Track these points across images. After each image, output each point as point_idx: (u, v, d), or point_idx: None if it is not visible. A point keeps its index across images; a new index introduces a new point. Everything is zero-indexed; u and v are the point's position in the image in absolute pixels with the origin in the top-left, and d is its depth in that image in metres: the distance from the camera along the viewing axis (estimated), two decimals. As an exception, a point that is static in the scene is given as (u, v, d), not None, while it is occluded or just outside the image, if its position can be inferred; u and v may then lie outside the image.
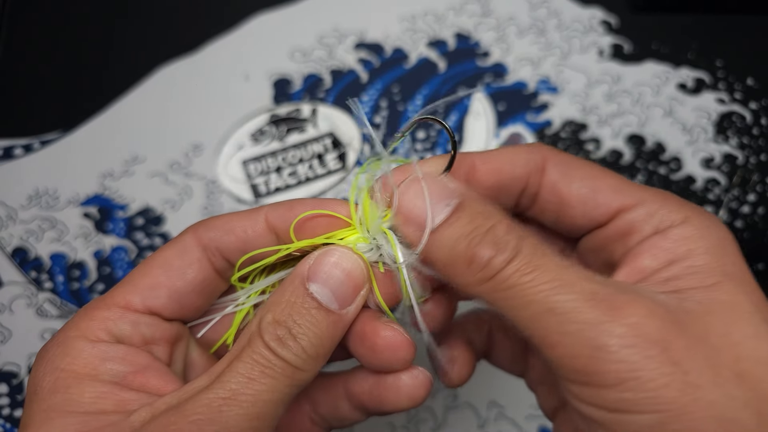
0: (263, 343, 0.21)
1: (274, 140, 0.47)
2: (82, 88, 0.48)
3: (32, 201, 0.45)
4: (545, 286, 0.20)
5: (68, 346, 0.22)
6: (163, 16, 0.51)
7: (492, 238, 0.21)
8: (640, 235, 0.22)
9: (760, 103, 0.49)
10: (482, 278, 0.20)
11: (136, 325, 0.23)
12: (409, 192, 0.22)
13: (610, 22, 0.51)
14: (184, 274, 0.24)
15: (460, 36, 0.50)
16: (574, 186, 0.23)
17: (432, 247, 0.21)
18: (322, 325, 0.21)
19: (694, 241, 0.21)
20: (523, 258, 0.20)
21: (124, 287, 0.23)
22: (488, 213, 0.21)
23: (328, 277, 0.22)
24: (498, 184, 0.24)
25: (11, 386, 0.41)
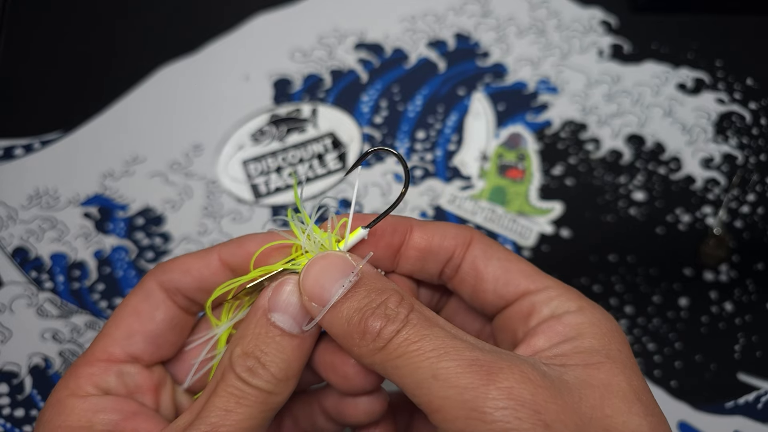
0: (236, 376, 0.23)
1: (275, 140, 0.47)
2: (82, 88, 0.48)
3: (33, 201, 0.45)
4: (431, 353, 0.21)
5: (62, 405, 0.24)
6: (163, 17, 0.51)
7: (383, 311, 0.22)
8: (538, 316, 0.25)
9: (760, 103, 0.49)
10: (374, 348, 0.22)
11: (120, 375, 0.25)
12: (314, 269, 0.24)
13: (610, 22, 0.51)
14: (153, 317, 0.26)
15: (460, 36, 0.51)
16: (491, 264, 0.26)
17: (331, 320, 0.23)
18: (287, 350, 0.24)
19: (584, 327, 0.23)
20: (411, 328, 0.22)
21: (102, 341, 0.25)
22: (382, 288, 0.23)
23: (287, 304, 0.24)
24: (428, 249, 0.26)
25: (11, 386, 0.41)
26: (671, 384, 0.42)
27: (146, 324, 0.26)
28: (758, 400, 0.42)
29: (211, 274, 0.26)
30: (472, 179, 0.47)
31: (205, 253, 0.27)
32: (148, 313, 0.26)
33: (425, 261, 0.26)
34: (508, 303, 0.26)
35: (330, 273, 0.23)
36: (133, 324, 0.26)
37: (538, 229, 0.45)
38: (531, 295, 0.25)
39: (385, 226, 0.26)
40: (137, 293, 0.26)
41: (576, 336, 0.23)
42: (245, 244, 0.26)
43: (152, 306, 0.26)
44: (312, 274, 0.24)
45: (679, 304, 0.44)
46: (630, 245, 0.45)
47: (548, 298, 0.25)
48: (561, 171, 0.47)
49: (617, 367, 0.22)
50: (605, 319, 0.24)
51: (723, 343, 0.43)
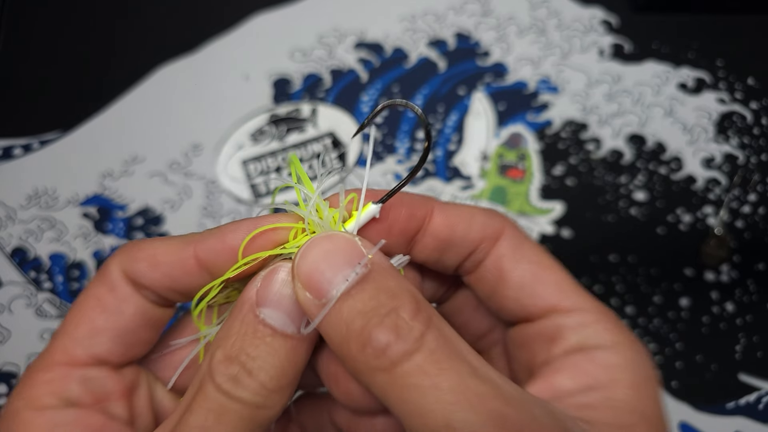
0: (215, 386, 0.18)
1: (274, 140, 0.47)
2: (81, 88, 0.48)
3: (31, 201, 0.45)
4: (449, 396, 0.17)
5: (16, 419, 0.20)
6: (162, 16, 0.50)
7: (393, 321, 0.18)
8: (565, 344, 0.20)
9: (761, 103, 0.49)
10: (375, 367, 0.17)
11: (83, 382, 0.21)
12: (314, 251, 0.19)
13: (611, 21, 0.51)
14: (121, 312, 0.21)
15: (460, 36, 0.50)
16: (519, 266, 0.21)
17: (327, 320, 0.18)
18: (281, 354, 0.19)
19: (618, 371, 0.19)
20: (428, 354, 0.17)
21: (61, 340, 0.21)
22: (396, 290, 0.18)
23: (279, 298, 0.19)
24: (449, 239, 0.22)
25: (10, 386, 0.40)
26: (672, 384, 0.42)
27: (113, 320, 0.21)
28: (759, 400, 0.42)
29: (184, 273, 0.21)
30: (473, 179, 0.46)
31: (180, 245, 0.21)
32: (114, 306, 0.21)
33: (444, 252, 0.22)
34: (530, 317, 0.22)
35: (334, 259, 0.18)
36: (97, 320, 0.21)
37: (539, 229, 0.45)
38: (559, 315, 0.21)
39: (401, 208, 0.21)
40: (100, 283, 0.21)
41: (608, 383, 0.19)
42: (227, 237, 0.20)
43: (119, 299, 0.21)
44: (311, 258, 0.19)
45: (680, 304, 0.44)
46: (631, 245, 0.45)
47: (579, 324, 0.20)
48: (562, 171, 0.47)
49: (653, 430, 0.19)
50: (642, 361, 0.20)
51: (724, 344, 0.43)
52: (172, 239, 0.21)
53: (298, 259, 0.19)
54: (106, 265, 0.21)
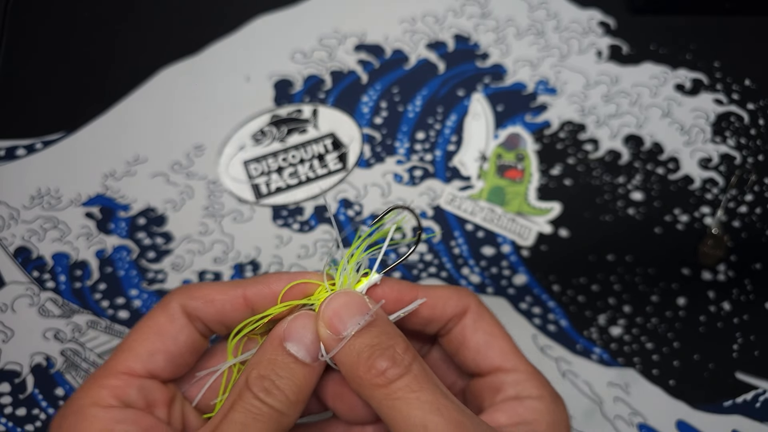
0: (253, 395, 0.25)
1: (275, 141, 0.47)
2: (84, 89, 0.49)
3: (34, 201, 0.45)
4: (426, 405, 0.24)
5: (84, 413, 0.25)
6: (164, 19, 0.51)
7: (391, 354, 0.25)
8: (504, 394, 0.28)
9: (758, 104, 0.49)
10: (376, 384, 0.25)
11: (140, 390, 0.27)
12: (335, 302, 0.27)
13: (609, 23, 0.51)
14: (176, 339, 0.27)
15: (460, 37, 0.51)
16: (476, 335, 0.29)
17: (343, 351, 0.26)
18: (299, 376, 0.26)
19: (540, 414, 0.27)
20: (413, 377, 0.25)
21: (124, 355, 0.27)
22: (393, 333, 0.26)
23: (300, 336, 0.26)
24: (432, 316, 0.29)
25: (13, 385, 0.41)
26: (669, 383, 0.42)
27: (169, 345, 0.27)
28: (756, 399, 0.42)
29: (233, 309, 0.28)
30: (472, 179, 0.47)
31: (231, 287, 0.28)
32: (171, 334, 0.27)
33: (426, 326, 0.30)
34: (482, 373, 0.29)
35: (349, 309, 0.26)
36: (156, 343, 0.27)
37: (537, 229, 0.46)
38: (502, 374, 0.29)
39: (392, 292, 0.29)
40: (161, 313, 0.28)
41: (532, 421, 0.27)
42: (271, 283, 0.28)
43: (176, 328, 0.28)
44: (333, 307, 0.26)
45: (678, 303, 0.44)
46: (628, 245, 0.45)
47: (515, 381, 0.28)
48: (559, 171, 0.47)
49: None
50: (559, 410, 0.28)
51: (721, 343, 0.43)
52: (223, 283, 0.29)
53: (324, 306, 0.27)
54: (168, 300, 0.28)
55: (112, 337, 0.42)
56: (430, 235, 0.29)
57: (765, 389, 0.42)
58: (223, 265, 0.44)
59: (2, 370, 0.41)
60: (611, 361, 0.43)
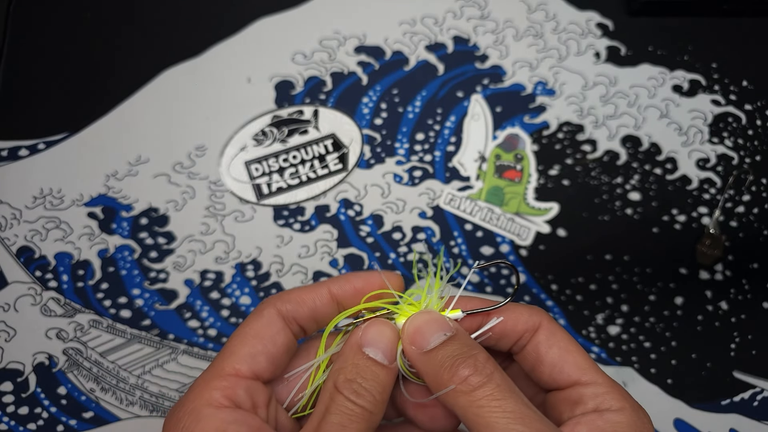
0: (344, 397, 0.27)
1: (276, 141, 0.48)
2: (87, 90, 0.49)
3: (37, 201, 0.46)
4: (510, 414, 0.25)
5: (199, 413, 0.27)
6: (167, 20, 0.51)
7: (473, 362, 0.27)
8: (584, 407, 0.28)
9: (755, 105, 0.50)
10: (459, 391, 0.26)
11: (247, 390, 0.28)
12: (418, 320, 0.29)
13: (607, 25, 0.52)
14: (275, 341, 0.29)
15: (459, 39, 0.51)
16: (551, 351, 0.30)
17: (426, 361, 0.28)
18: (381, 377, 0.28)
19: (621, 426, 0.27)
20: (494, 385, 0.26)
21: (230, 358, 0.29)
22: (473, 345, 0.28)
23: (377, 342, 0.28)
24: (503, 332, 0.30)
25: (15, 384, 0.41)
26: (667, 382, 0.42)
27: (269, 347, 0.29)
28: (754, 397, 0.42)
29: (323, 305, 0.30)
30: (471, 180, 0.47)
31: (317, 287, 0.31)
32: (270, 337, 0.29)
33: (499, 341, 0.31)
34: (560, 387, 0.30)
35: (431, 326, 0.28)
36: (258, 345, 0.29)
37: (536, 229, 0.46)
38: (580, 387, 0.29)
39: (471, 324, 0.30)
40: (259, 318, 0.30)
41: None
42: (352, 280, 0.31)
43: (274, 331, 0.30)
44: (415, 324, 0.29)
45: (675, 302, 0.44)
46: (626, 245, 0.46)
47: (594, 394, 0.28)
48: (558, 172, 0.48)
49: None
50: (640, 422, 0.28)
51: (719, 342, 0.44)
52: (309, 286, 0.31)
53: (407, 323, 0.29)
54: (262, 307, 0.30)
55: (114, 336, 0.42)
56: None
57: (762, 388, 0.42)
58: (225, 265, 0.44)
59: (5, 369, 0.41)
60: (609, 359, 0.43)
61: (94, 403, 0.41)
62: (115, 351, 0.42)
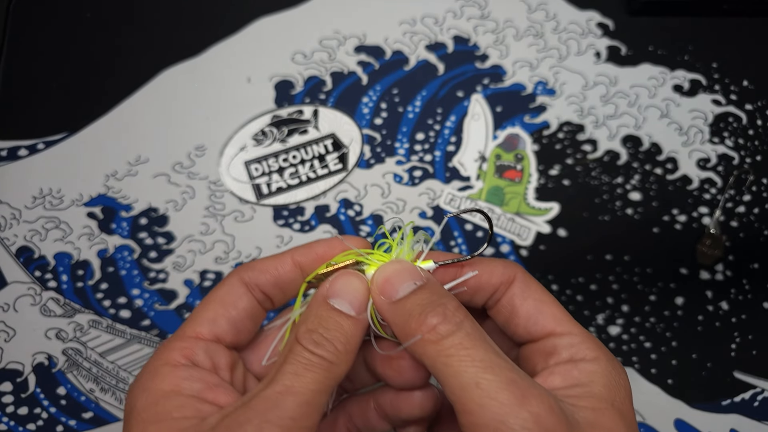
0: (302, 347, 0.26)
1: (276, 141, 0.48)
2: (87, 90, 0.49)
3: (37, 201, 0.45)
4: (479, 363, 0.24)
5: (156, 372, 0.27)
6: (166, 20, 0.51)
7: (442, 310, 0.26)
8: (558, 357, 0.28)
9: (756, 104, 0.50)
10: (427, 340, 0.25)
11: (206, 351, 0.28)
12: (388, 269, 0.28)
13: (607, 24, 0.52)
14: (236, 305, 0.30)
15: (459, 39, 0.51)
16: (526, 303, 0.29)
17: (395, 311, 0.27)
18: (345, 327, 0.27)
19: (596, 376, 0.27)
20: (464, 334, 0.25)
21: (192, 322, 0.29)
22: (444, 294, 0.27)
23: (344, 292, 0.28)
24: (478, 285, 0.30)
25: (15, 384, 0.41)
26: (668, 382, 0.42)
27: (229, 310, 0.29)
28: (754, 398, 0.42)
29: (285, 272, 0.30)
30: (471, 180, 0.47)
31: (280, 255, 0.31)
32: (231, 302, 0.30)
33: (474, 295, 0.30)
34: (534, 339, 0.29)
35: (401, 275, 0.28)
36: (218, 309, 0.29)
37: (536, 229, 0.46)
38: (555, 338, 0.29)
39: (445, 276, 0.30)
40: (222, 286, 0.30)
41: (588, 382, 0.27)
42: (314, 248, 0.31)
43: (235, 296, 0.30)
44: (385, 273, 0.28)
45: (676, 302, 0.44)
46: (626, 245, 0.46)
47: (569, 344, 0.28)
48: (558, 172, 0.47)
49: (619, 416, 0.26)
50: (615, 372, 0.27)
51: (719, 342, 0.43)
52: (273, 255, 0.31)
53: (377, 273, 0.28)
54: (227, 276, 0.30)
55: (114, 337, 0.42)
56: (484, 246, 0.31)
57: (763, 388, 0.42)
58: (224, 265, 0.44)
59: (4, 369, 0.41)
60: (610, 360, 0.43)
61: (93, 404, 0.41)
62: (115, 351, 0.42)
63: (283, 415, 0.24)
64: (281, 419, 0.24)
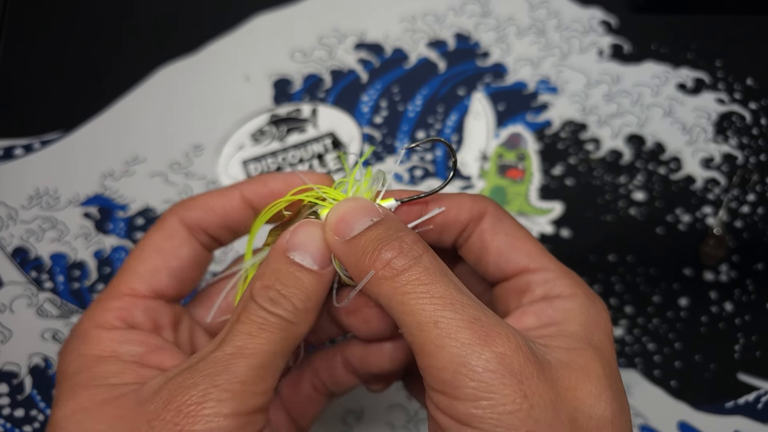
0: (258, 306, 0.24)
1: (275, 140, 0.47)
2: (83, 88, 0.48)
3: (33, 201, 0.45)
4: (438, 300, 0.22)
5: (87, 335, 0.24)
6: (163, 17, 0.51)
7: (398, 244, 0.23)
8: (531, 295, 0.26)
9: (760, 103, 0.49)
10: (382, 277, 0.23)
11: (146, 311, 0.26)
12: (342, 207, 0.25)
13: (610, 22, 0.51)
14: (178, 254, 0.26)
15: (460, 36, 0.51)
16: (497, 238, 0.27)
17: (349, 250, 0.24)
18: (306, 283, 0.24)
19: (572, 314, 0.25)
20: (423, 269, 0.23)
21: (126, 275, 0.26)
22: (402, 228, 0.24)
23: (305, 244, 0.25)
24: (445, 222, 0.27)
25: (11, 386, 0.41)
26: (671, 384, 0.42)
27: (170, 260, 0.26)
28: (758, 400, 0.42)
29: (234, 210, 0.27)
30: (472, 179, 0.47)
31: (227, 191, 0.27)
32: (172, 250, 0.26)
33: (442, 234, 0.27)
34: (507, 277, 0.27)
35: (357, 212, 0.24)
36: (157, 260, 0.26)
37: (538, 229, 0.45)
38: (528, 274, 0.26)
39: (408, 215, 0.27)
40: (159, 230, 0.27)
41: (563, 321, 0.24)
42: (269, 182, 0.27)
43: (176, 243, 0.26)
44: (339, 211, 0.25)
45: (679, 303, 0.44)
46: (630, 245, 0.45)
47: (544, 280, 0.26)
48: (561, 171, 0.47)
49: (596, 354, 0.23)
50: (594, 309, 0.25)
51: (723, 343, 0.43)
52: (218, 190, 0.27)
53: (330, 212, 0.25)
54: (164, 217, 0.27)
55: (111, 338, 0.42)
56: None
57: (767, 390, 0.42)
58: (221, 265, 0.44)
59: (0, 371, 0.41)
60: (612, 361, 0.42)
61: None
62: (112, 353, 0.42)
63: (232, 379, 0.22)
64: (231, 383, 0.22)
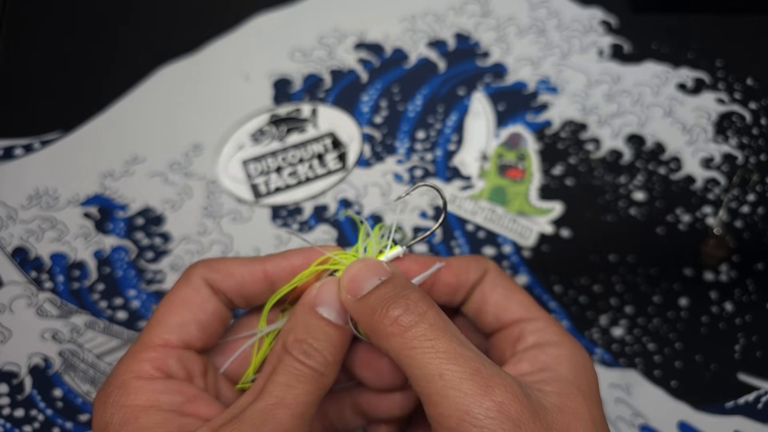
0: (293, 358, 0.26)
1: (274, 140, 0.47)
2: (82, 88, 0.48)
3: (32, 201, 0.45)
4: (443, 354, 0.24)
5: (128, 386, 0.26)
6: (163, 17, 0.51)
7: (404, 302, 0.26)
8: (524, 343, 0.29)
9: (760, 103, 0.49)
10: (391, 333, 0.25)
11: (179, 360, 0.27)
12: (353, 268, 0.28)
13: (610, 22, 0.51)
14: (204, 308, 0.28)
15: (460, 36, 0.51)
16: (496, 291, 0.30)
17: (360, 308, 0.27)
18: (334, 338, 0.27)
19: (562, 359, 0.27)
20: (428, 325, 0.25)
21: (157, 327, 0.28)
22: (407, 285, 0.27)
23: (330, 300, 0.27)
24: (457, 285, 0.30)
25: (11, 386, 0.41)
26: (671, 384, 0.42)
27: (198, 314, 0.28)
28: (758, 400, 0.42)
29: (253, 282, 0.29)
30: (472, 179, 0.47)
31: (251, 261, 0.29)
32: (199, 304, 0.28)
33: (453, 296, 0.30)
34: (503, 326, 0.30)
35: (365, 272, 0.27)
36: (186, 314, 0.28)
37: (539, 229, 0.45)
38: (522, 323, 0.29)
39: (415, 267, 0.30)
40: (185, 286, 0.29)
41: (554, 366, 0.27)
42: (290, 257, 0.30)
43: (202, 299, 0.28)
44: (350, 272, 0.27)
45: (679, 304, 0.44)
46: (630, 245, 0.45)
47: (536, 329, 0.29)
48: (561, 171, 0.47)
49: (584, 398, 0.26)
50: (580, 355, 0.28)
51: (723, 343, 0.43)
52: (243, 258, 0.30)
53: (343, 272, 0.28)
54: (189, 273, 0.29)
55: (111, 338, 0.42)
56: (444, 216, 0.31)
57: (767, 390, 0.42)
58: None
59: (0, 371, 0.41)
60: (613, 362, 0.42)
61: (90, 406, 0.41)
62: (112, 353, 0.42)
63: (277, 428, 0.24)
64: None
